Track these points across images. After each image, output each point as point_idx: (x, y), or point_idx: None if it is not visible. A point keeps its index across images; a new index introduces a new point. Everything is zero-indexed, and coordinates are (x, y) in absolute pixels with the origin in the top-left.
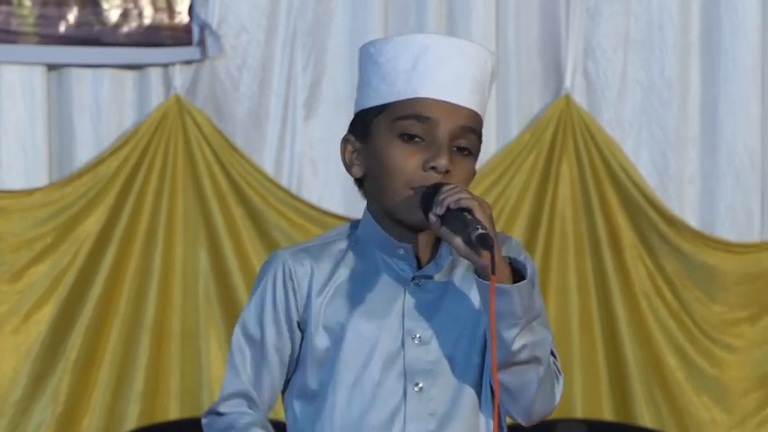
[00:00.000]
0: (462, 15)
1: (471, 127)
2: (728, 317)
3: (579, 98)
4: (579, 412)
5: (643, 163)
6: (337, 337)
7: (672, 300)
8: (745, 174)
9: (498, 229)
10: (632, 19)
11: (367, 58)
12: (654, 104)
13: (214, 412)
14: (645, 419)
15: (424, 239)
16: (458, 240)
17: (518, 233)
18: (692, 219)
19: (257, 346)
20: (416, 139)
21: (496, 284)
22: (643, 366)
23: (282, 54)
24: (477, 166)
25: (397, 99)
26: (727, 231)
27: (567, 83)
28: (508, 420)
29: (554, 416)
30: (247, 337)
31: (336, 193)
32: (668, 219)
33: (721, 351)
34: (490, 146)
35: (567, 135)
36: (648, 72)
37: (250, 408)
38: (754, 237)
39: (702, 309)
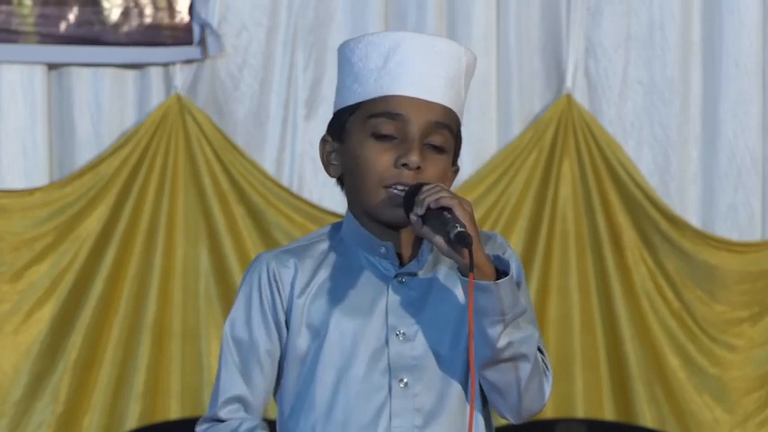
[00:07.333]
0: (462, 15)
1: (444, 123)
2: (730, 316)
3: (580, 97)
4: (580, 412)
5: (644, 162)
6: (321, 334)
7: (673, 299)
8: (747, 173)
9: (499, 228)
10: (633, 18)
11: (342, 58)
12: (655, 104)
13: (213, 419)
14: (646, 419)
15: (405, 237)
16: (439, 239)
17: (519, 232)
18: (693, 218)
19: (248, 348)
20: (389, 138)
21: (478, 281)
22: (644, 366)
23: (283, 53)
24: (478, 165)
25: (368, 98)
26: (728, 231)
27: (569, 82)
28: (502, 421)
29: (554, 415)
30: (237, 340)
31: (337, 192)
32: (669, 218)
33: (722, 350)
34: (491, 145)
35: (569, 134)
36: (650, 71)
37: (247, 412)
38: (755, 236)
39: (704, 308)
